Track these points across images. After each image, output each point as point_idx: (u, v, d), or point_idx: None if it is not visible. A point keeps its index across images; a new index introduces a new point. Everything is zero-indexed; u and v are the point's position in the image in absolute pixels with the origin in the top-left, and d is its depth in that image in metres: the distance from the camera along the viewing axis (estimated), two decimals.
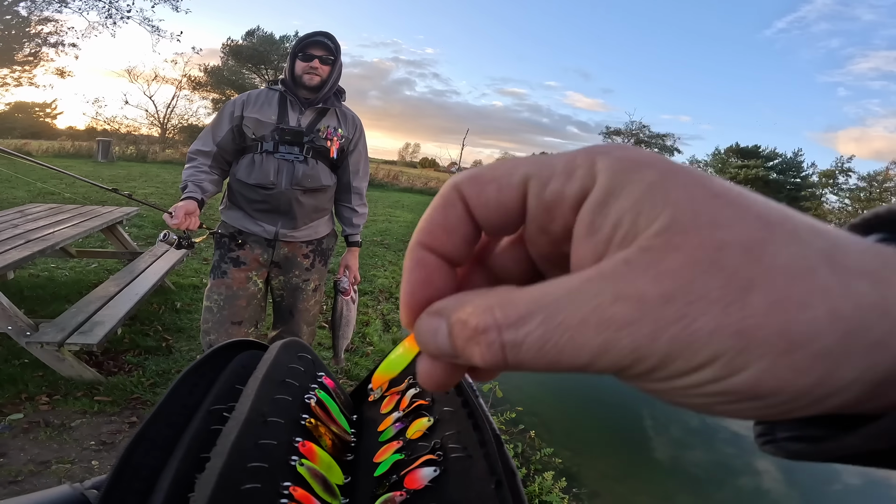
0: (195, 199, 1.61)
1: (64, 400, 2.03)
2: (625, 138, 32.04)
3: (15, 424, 1.84)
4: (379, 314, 4.20)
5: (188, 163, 1.71)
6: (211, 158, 1.70)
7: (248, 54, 25.73)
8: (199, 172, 1.68)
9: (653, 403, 3.91)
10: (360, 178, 1.91)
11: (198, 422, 0.29)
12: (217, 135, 1.70)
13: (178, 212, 1.53)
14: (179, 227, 1.55)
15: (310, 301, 1.96)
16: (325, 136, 1.74)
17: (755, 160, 30.95)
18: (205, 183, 1.67)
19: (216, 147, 1.70)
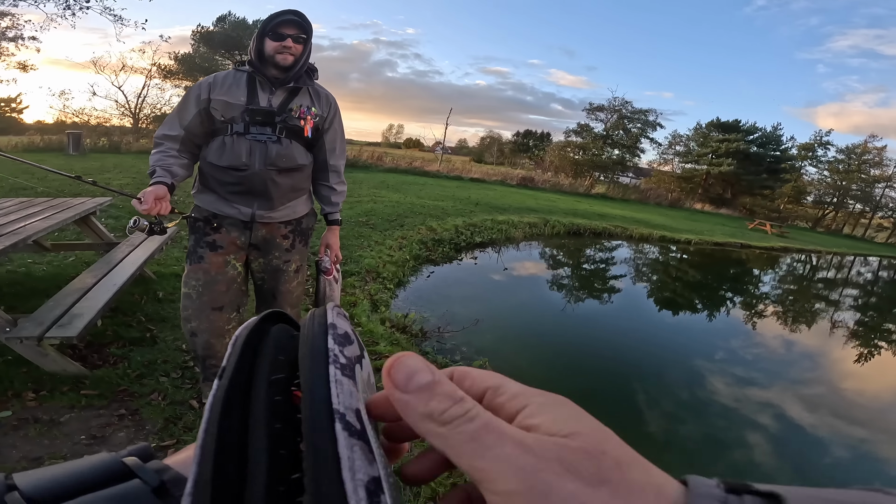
0: (165, 184, 1.56)
1: (51, 395, 2.00)
2: (608, 114, 32.22)
3: (4, 422, 1.82)
4: (366, 294, 4.20)
5: (155, 148, 1.66)
6: (179, 143, 1.65)
7: (221, 40, 25.03)
8: (167, 157, 1.63)
9: (644, 378, 4.00)
10: (336, 157, 1.87)
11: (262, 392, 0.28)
12: (184, 118, 1.65)
13: (147, 197, 1.48)
14: (150, 213, 1.50)
15: (292, 283, 1.94)
16: (298, 115, 1.70)
17: (736, 134, 31.73)
18: (174, 167, 1.62)
19: (184, 131, 1.65)
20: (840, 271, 14.47)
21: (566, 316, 5.61)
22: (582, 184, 24.05)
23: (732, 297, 8.25)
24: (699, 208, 28.06)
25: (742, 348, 5.33)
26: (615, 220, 13.02)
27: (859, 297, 10.33)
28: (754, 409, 3.67)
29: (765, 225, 20.20)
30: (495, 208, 10.93)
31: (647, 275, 8.86)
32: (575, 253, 9.80)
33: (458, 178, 18.01)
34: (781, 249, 15.29)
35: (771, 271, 11.93)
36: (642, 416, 3.35)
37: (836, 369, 5.18)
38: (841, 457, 3.21)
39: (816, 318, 7.63)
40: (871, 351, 6.08)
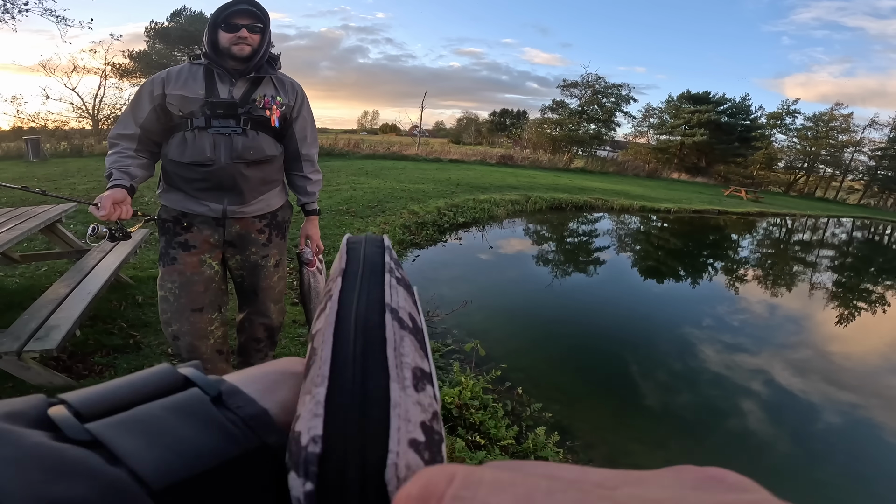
0: (123, 187, 1.47)
1: None
2: (582, 90, 32.51)
3: None
4: None
5: (110, 149, 1.56)
6: (136, 142, 1.56)
7: (178, 35, 24.21)
8: (123, 158, 1.53)
9: (636, 349, 4.05)
10: (308, 145, 1.81)
11: None
12: (138, 116, 1.55)
13: (104, 202, 1.39)
14: (109, 219, 1.41)
15: (272, 278, 1.89)
16: (262, 105, 1.62)
17: (706, 105, 32.66)
18: (132, 168, 1.53)
19: (139, 129, 1.56)
20: (815, 233, 14.93)
21: (554, 291, 5.66)
22: (561, 159, 24.24)
23: (714, 263, 8.44)
24: (676, 178, 28.56)
25: (728, 314, 5.44)
26: (595, 193, 13.15)
27: (836, 257, 10.64)
28: (745, 377, 3.73)
29: (740, 191, 20.68)
30: (476, 188, 10.90)
31: (630, 245, 9.00)
32: (558, 227, 9.87)
33: (437, 161, 17.87)
34: (757, 214, 15.68)
35: (749, 236, 12.23)
36: (637, 388, 3.39)
37: (821, 332, 5.28)
38: (834, 423, 3.25)
39: (797, 280, 7.82)
40: (853, 312, 6.22)
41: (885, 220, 20.88)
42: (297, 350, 2.77)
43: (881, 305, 6.76)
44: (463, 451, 2.19)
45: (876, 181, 33.11)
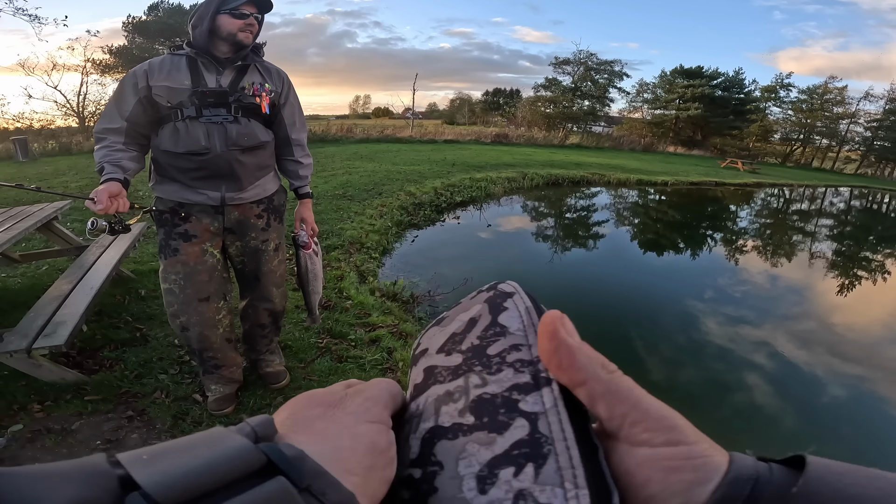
0: (117, 180, 1.47)
1: (56, 405, 1.96)
2: (574, 67, 32.30)
3: (18, 436, 1.78)
4: (352, 266, 4.16)
5: (98, 143, 1.55)
6: (123, 135, 1.55)
7: (158, 29, 23.77)
8: (113, 152, 1.52)
9: (640, 323, 4.05)
10: (297, 130, 1.83)
11: None
12: (123, 109, 1.54)
13: (100, 196, 1.39)
14: (107, 212, 1.42)
15: (273, 262, 1.91)
16: (251, 92, 1.63)
17: (700, 80, 32.65)
18: (123, 161, 1.52)
19: (126, 122, 1.55)
20: (814, 203, 14.91)
21: (554, 267, 5.68)
22: (556, 136, 24.11)
23: (713, 234, 8.45)
24: (672, 151, 28.51)
25: (730, 286, 5.45)
26: (592, 168, 13.11)
27: (836, 226, 10.64)
28: (749, 349, 3.71)
29: (736, 163, 20.65)
30: (472, 167, 10.85)
31: (629, 219, 9.00)
32: (556, 203, 9.86)
33: (431, 142, 17.71)
34: (755, 185, 15.66)
35: (747, 207, 12.24)
36: (643, 361, 3.38)
37: (823, 302, 5.26)
38: (838, 395, 3.23)
39: (797, 250, 7.82)
40: (854, 281, 6.21)
41: (882, 189, 20.85)
42: (300, 336, 2.77)
43: (881, 274, 6.77)
44: None
45: (872, 151, 33.11)
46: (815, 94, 32.62)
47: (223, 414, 1.97)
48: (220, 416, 1.96)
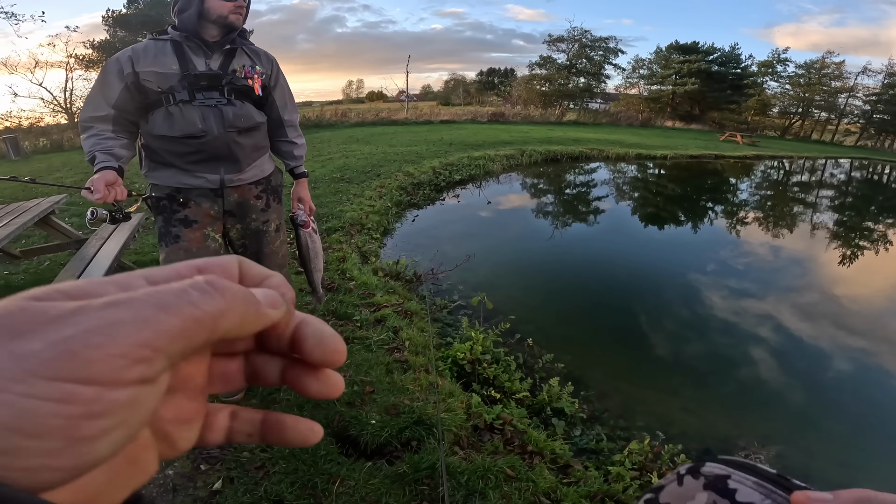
0: (111, 168, 1.43)
1: None
2: (568, 45, 32.01)
3: None
4: (354, 247, 4.15)
5: (85, 133, 1.49)
6: (111, 122, 1.50)
7: (140, 21, 23.30)
8: (103, 140, 1.48)
9: (643, 297, 4.04)
10: (289, 111, 1.82)
11: None
12: (109, 96, 1.48)
13: (96, 185, 1.35)
14: (105, 201, 1.38)
15: (275, 242, 1.89)
16: (243, 75, 1.60)
17: (695, 55, 32.43)
18: (115, 149, 1.48)
19: (113, 109, 1.49)
20: (814, 174, 14.82)
21: (556, 243, 5.66)
22: (553, 113, 23.96)
23: (714, 207, 8.41)
24: (670, 126, 28.32)
25: (732, 258, 5.43)
26: (590, 144, 13.02)
27: (837, 197, 10.56)
28: (754, 323, 3.68)
29: (735, 136, 20.51)
30: (470, 146, 10.77)
31: (629, 193, 8.96)
32: (556, 179, 9.83)
33: (427, 123, 17.55)
34: (755, 157, 15.54)
35: (747, 179, 12.16)
36: (647, 337, 3.37)
37: (826, 273, 5.22)
38: (844, 370, 3.18)
39: (799, 221, 7.78)
40: (857, 252, 6.15)
41: (883, 160, 20.67)
42: None
43: (884, 244, 6.71)
44: (479, 406, 2.20)
45: (872, 124, 32.92)
46: (812, 69, 32.53)
47: (234, 400, 1.97)
48: (230, 402, 1.96)
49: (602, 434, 2.32)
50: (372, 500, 1.56)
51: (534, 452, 1.94)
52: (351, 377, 2.22)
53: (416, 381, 2.25)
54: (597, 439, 2.27)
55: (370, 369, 2.30)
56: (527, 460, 1.87)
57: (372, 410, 1.99)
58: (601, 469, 2.01)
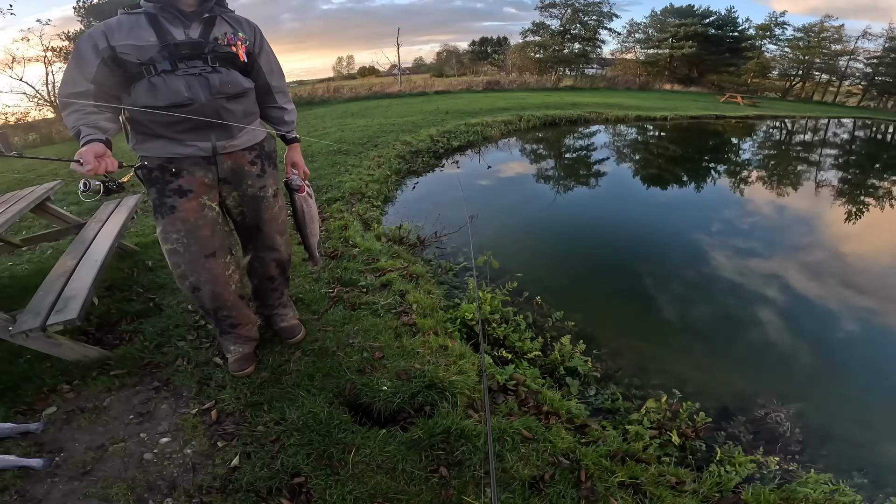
0: (99, 140, 1.38)
1: (84, 383, 1.95)
2: (561, 10, 31.48)
3: (54, 418, 1.78)
4: (355, 216, 4.13)
5: (66, 110, 1.44)
6: (91, 98, 1.45)
7: (112, 10, 22.53)
8: (86, 115, 1.43)
9: (648, 259, 3.98)
10: (276, 77, 1.79)
11: None
12: (87, 72, 1.43)
13: (85, 156, 1.31)
14: (96, 172, 1.35)
15: (273, 208, 1.87)
16: (225, 42, 1.56)
17: (691, 19, 31.95)
18: (100, 122, 1.44)
19: (92, 84, 1.44)
20: (817, 133, 14.49)
21: (558, 205, 5.63)
22: (549, 79, 23.59)
23: (717, 167, 8.28)
24: (669, 89, 27.89)
25: (737, 218, 5.35)
26: (588, 107, 12.83)
27: (841, 156, 10.34)
28: (760, 283, 3.60)
29: (736, 97, 20.11)
30: (466, 114, 10.62)
31: (630, 155, 8.85)
32: (555, 143, 9.72)
33: (422, 94, 17.27)
34: (756, 117, 15.27)
35: (750, 139, 11.95)
36: (653, 300, 3.33)
37: (832, 232, 5.12)
38: (853, 330, 3.09)
39: (803, 180, 7.64)
40: (862, 209, 6.04)
41: (887, 120, 20.16)
42: (310, 288, 2.74)
43: (890, 201, 6.61)
44: (491, 367, 2.20)
45: (874, 86, 32.16)
46: (811, 32, 31.98)
47: (244, 374, 1.96)
48: (242, 378, 1.96)
49: (617, 393, 2.29)
50: (388, 468, 1.56)
51: (549, 413, 1.94)
52: (360, 343, 2.21)
53: (425, 344, 2.24)
54: (612, 398, 2.25)
55: (378, 334, 2.29)
56: (543, 421, 1.86)
57: (383, 376, 1.98)
58: (619, 428, 2.00)
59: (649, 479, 1.62)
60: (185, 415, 1.80)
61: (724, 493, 1.67)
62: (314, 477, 1.52)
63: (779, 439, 2.12)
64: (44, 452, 1.63)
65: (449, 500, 1.47)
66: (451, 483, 1.52)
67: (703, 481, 1.70)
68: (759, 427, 2.20)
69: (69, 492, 1.49)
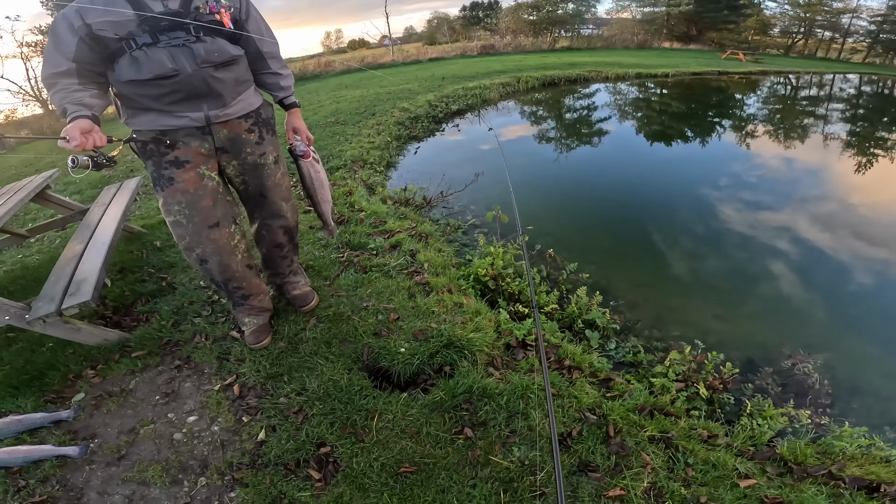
0: (85, 117, 1.36)
1: (108, 367, 1.96)
2: None
3: (84, 403, 1.80)
4: (359, 182, 4.10)
5: (51, 90, 1.42)
6: (74, 76, 1.42)
7: None
8: (71, 93, 1.40)
9: (656, 216, 3.90)
10: (267, 43, 1.72)
11: None
12: (66, 51, 1.39)
13: (71, 133, 1.29)
14: (85, 148, 1.32)
15: (276, 175, 1.84)
16: (207, 10, 1.49)
17: None
18: (85, 99, 1.41)
19: (74, 63, 1.40)
20: (822, 89, 14.01)
21: (563, 162, 5.57)
22: (544, 41, 23.06)
23: (722, 122, 8.09)
24: (668, 46, 27.13)
25: (744, 172, 5.24)
26: (587, 67, 12.57)
27: (848, 110, 10.01)
28: (771, 235, 3.53)
29: (738, 54, 19.49)
30: (463, 78, 10.45)
31: (632, 113, 8.68)
32: (556, 103, 9.55)
33: (416, 62, 16.88)
34: (760, 73, 14.83)
35: (754, 95, 11.62)
36: (663, 256, 3.27)
37: (842, 183, 4.97)
38: (867, 283, 3.00)
39: (811, 133, 7.43)
40: (872, 161, 5.86)
41: (894, 76, 19.45)
42: (320, 254, 2.72)
43: None
44: (508, 322, 2.17)
45: (879, 43, 30.88)
46: None
47: (261, 346, 1.97)
48: (259, 350, 1.96)
49: (638, 346, 2.27)
50: (412, 433, 1.57)
51: (572, 367, 1.92)
52: (374, 306, 2.19)
53: (440, 302, 2.22)
54: (633, 351, 2.23)
55: (392, 296, 2.28)
56: (566, 375, 1.85)
57: (400, 338, 1.98)
58: (644, 382, 1.98)
59: (680, 433, 1.60)
60: (208, 392, 1.81)
61: (758, 446, 1.64)
62: (339, 446, 1.53)
63: (808, 391, 2.09)
64: (78, 440, 1.65)
65: (476, 461, 1.47)
66: (476, 444, 1.52)
67: (736, 434, 1.68)
68: (787, 379, 2.17)
69: (107, 478, 1.51)
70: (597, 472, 1.44)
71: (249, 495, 1.41)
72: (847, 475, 1.46)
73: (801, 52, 32.80)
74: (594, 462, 1.47)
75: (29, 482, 1.48)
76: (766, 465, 1.52)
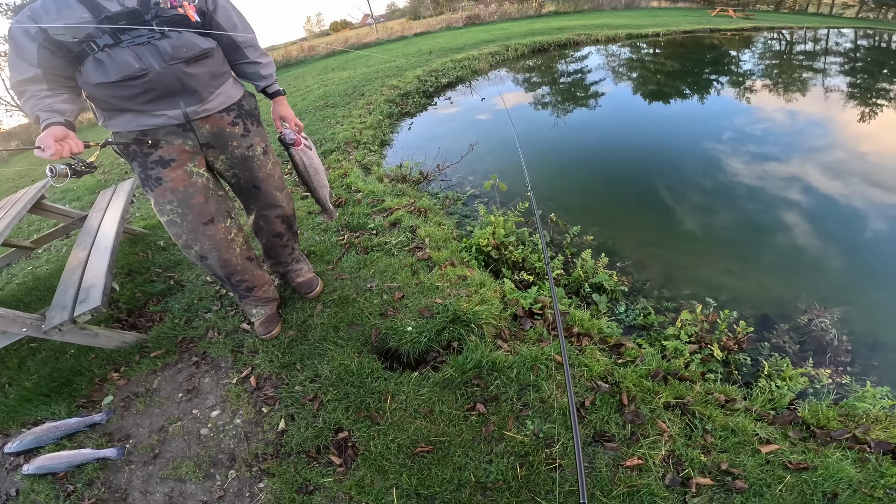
0: (58, 123, 1.33)
1: (130, 368, 1.99)
2: None
3: (114, 406, 1.84)
4: (353, 163, 4.08)
5: (21, 98, 1.39)
6: (43, 82, 1.38)
7: None
8: (41, 99, 1.37)
9: (662, 173, 3.83)
10: (242, 31, 1.65)
11: None
12: (29, 58, 1.35)
13: (45, 141, 1.27)
14: (61, 156, 1.29)
15: (267, 165, 1.81)
16: (168, 5, 1.42)
17: None
18: (56, 105, 1.37)
19: (39, 69, 1.36)
20: (818, 43, 13.60)
21: (560, 127, 5.49)
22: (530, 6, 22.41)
23: (719, 79, 7.91)
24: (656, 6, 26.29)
25: (748, 125, 5.14)
26: (576, 30, 12.28)
27: (846, 62, 9.76)
28: (781, 186, 3.43)
29: (727, 10, 18.93)
30: (450, 50, 10.30)
31: (626, 74, 8.50)
32: (547, 69, 9.37)
33: (401, 38, 16.52)
34: (752, 29, 14.43)
35: (749, 51, 11.31)
36: (673, 213, 3.19)
37: (848, 132, 4.86)
38: (882, 229, 2.91)
39: (811, 86, 7.26)
40: (876, 110, 5.73)
41: (889, 30, 18.81)
42: (321, 239, 2.72)
43: None
44: (513, 292, 2.14)
45: None
46: None
47: (272, 336, 1.99)
48: (270, 340, 1.98)
49: (648, 307, 2.24)
50: (426, 412, 1.57)
51: (581, 334, 1.90)
52: (378, 286, 2.20)
53: (444, 276, 2.21)
54: (643, 313, 2.20)
55: (395, 274, 2.28)
56: (575, 343, 1.84)
57: (406, 317, 1.98)
58: (656, 345, 1.94)
59: (696, 399, 1.56)
60: (227, 385, 1.84)
61: (778, 410, 1.59)
62: (356, 430, 1.55)
63: (827, 349, 2.02)
64: (114, 441, 1.68)
65: (491, 437, 1.48)
66: (490, 419, 1.53)
67: (755, 398, 1.63)
68: (804, 336, 2.11)
69: (147, 477, 1.54)
70: (613, 442, 1.43)
71: (277, 484, 1.44)
72: (872, 439, 1.41)
73: (791, 7, 31.90)
74: (609, 432, 1.46)
75: (76, 486, 1.52)
76: (788, 430, 1.48)
